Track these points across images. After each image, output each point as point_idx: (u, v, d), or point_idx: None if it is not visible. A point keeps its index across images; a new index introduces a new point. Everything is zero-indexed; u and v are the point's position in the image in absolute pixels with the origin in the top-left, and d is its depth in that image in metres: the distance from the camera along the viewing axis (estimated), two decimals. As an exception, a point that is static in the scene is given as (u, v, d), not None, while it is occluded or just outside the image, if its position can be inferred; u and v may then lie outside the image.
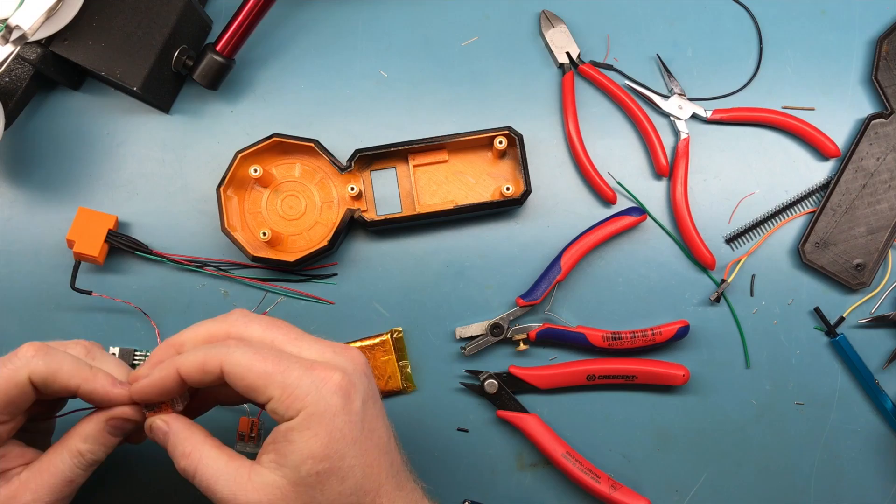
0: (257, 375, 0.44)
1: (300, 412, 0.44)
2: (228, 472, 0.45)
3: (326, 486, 0.44)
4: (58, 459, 0.47)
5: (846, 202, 0.65)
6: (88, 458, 0.47)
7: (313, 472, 0.44)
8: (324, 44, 0.66)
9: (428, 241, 0.65)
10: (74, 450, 0.47)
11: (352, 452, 0.45)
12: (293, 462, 0.44)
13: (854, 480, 0.65)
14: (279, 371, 0.44)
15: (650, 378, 0.63)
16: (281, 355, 0.45)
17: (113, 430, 0.48)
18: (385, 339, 0.64)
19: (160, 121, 0.66)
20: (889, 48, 0.66)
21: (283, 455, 0.44)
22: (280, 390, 0.44)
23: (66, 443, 0.47)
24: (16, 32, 0.55)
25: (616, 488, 0.62)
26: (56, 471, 0.47)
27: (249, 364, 0.44)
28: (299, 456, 0.43)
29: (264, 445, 0.45)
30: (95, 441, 0.47)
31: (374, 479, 0.46)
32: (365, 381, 0.47)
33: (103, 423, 0.48)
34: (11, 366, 0.45)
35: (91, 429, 0.48)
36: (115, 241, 0.62)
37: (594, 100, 0.67)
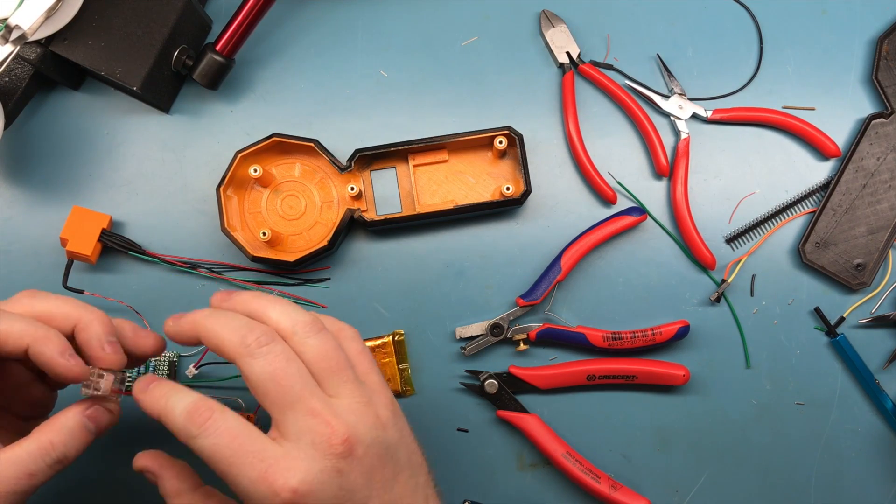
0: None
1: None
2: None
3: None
4: (23, 449, 0.45)
5: (846, 202, 0.65)
6: (59, 451, 0.45)
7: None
8: (324, 44, 0.66)
9: (428, 241, 0.65)
10: (45, 440, 0.45)
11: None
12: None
13: (854, 480, 0.65)
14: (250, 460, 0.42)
15: (650, 378, 0.63)
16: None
17: (90, 421, 0.46)
18: (386, 341, 0.64)
19: (160, 121, 0.66)
20: (889, 48, 0.66)
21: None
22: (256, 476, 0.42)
23: (37, 433, 0.45)
24: (16, 32, 0.55)
25: (616, 488, 0.62)
26: (18, 460, 0.44)
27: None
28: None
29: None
30: (69, 432, 0.46)
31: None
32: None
33: (80, 413, 0.46)
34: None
35: (66, 419, 0.46)
36: (108, 240, 0.62)
37: (594, 100, 0.67)
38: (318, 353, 0.45)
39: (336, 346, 0.46)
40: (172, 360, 0.63)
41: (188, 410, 0.43)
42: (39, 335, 0.45)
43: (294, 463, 0.42)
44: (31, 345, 0.45)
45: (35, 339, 0.45)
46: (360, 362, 0.48)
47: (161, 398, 0.45)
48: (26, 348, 0.45)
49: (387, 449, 0.45)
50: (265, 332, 0.44)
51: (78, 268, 0.64)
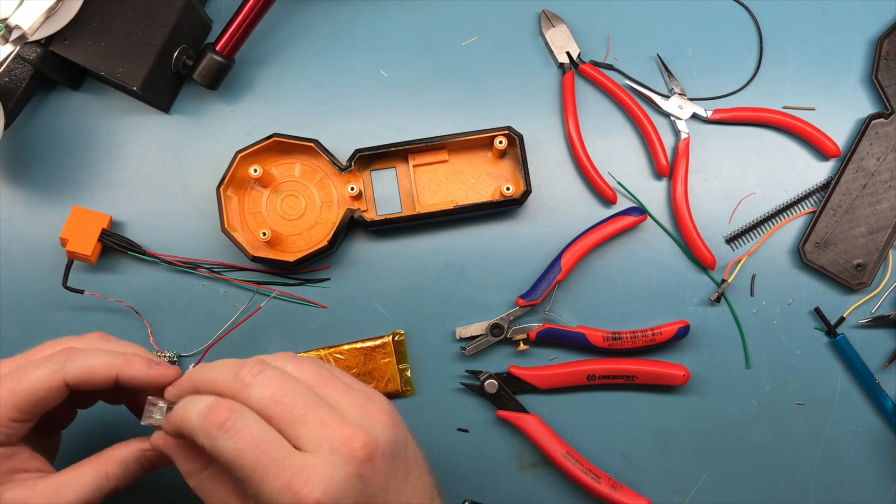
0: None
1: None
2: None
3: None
4: (83, 477, 0.46)
5: (846, 202, 0.65)
6: (112, 484, 0.46)
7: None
8: (324, 44, 0.66)
9: (428, 241, 0.65)
10: (102, 471, 0.46)
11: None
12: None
13: (854, 480, 0.65)
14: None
15: (650, 378, 0.63)
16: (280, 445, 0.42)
17: (147, 462, 0.47)
18: (386, 341, 0.64)
19: (160, 121, 0.66)
20: (889, 48, 0.66)
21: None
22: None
23: (95, 463, 0.47)
24: (16, 32, 0.55)
25: (616, 488, 0.62)
26: (77, 487, 0.45)
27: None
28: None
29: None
30: (126, 468, 0.47)
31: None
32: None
33: (139, 452, 0.47)
34: (46, 370, 0.46)
35: (125, 454, 0.47)
36: (108, 240, 0.62)
37: (594, 100, 0.67)
38: (300, 372, 0.45)
39: (315, 364, 0.46)
40: (172, 359, 0.63)
41: (205, 411, 0.42)
42: (122, 362, 0.47)
43: (317, 472, 0.41)
44: (120, 372, 0.47)
45: (121, 367, 0.47)
46: (341, 375, 0.47)
47: (178, 408, 0.44)
48: (115, 377, 0.47)
49: (398, 448, 0.45)
50: (255, 363, 0.44)
51: (78, 268, 0.64)
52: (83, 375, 0.46)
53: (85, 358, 0.46)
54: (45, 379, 0.46)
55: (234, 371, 0.44)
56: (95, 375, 0.46)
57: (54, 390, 0.46)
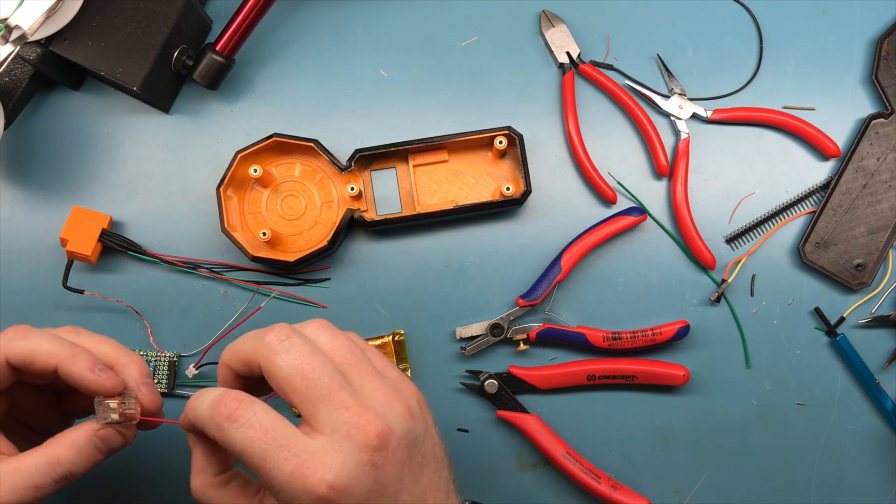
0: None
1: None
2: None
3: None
4: (32, 461, 0.45)
5: (846, 202, 0.65)
6: (65, 468, 0.45)
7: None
8: (324, 44, 0.66)
9: (428, 241, 0.65)
10: (53, 455, 0.45)
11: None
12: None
13: (854, 480, 0.65)
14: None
15: (650, 378, 0.63)
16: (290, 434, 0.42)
17: (101, 441, 0.46)
18: (386, 341, 0.64)
19: (160, 121, 0.66)
20: (889, 48, 0.66)
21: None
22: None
23: (47, 447, 0.45)
24: (16, 32, 0.55)
25: (616, 488, 0.62)
26: (26, 471, 0.44)
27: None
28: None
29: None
30: (79, 451, 0.45)
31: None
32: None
33: (92, 432, 0.46)
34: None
35: (77, 436, 0.46)
36: (108, 240, 0.62)
37: (594, 100, 0.67)
38: (333, 347, 0.44)
39: (349, 341, 0.45)
40: (172, 359, 0.63)
41: (214, 402, 0.42)
42: (66, 354, 0.46)
43: (329, 457, 0.41)
44: (60, 364, 0.45)
45: (63, 359, 0.45)
46: (374, 356, 0.47)
47: (189, 401, 0.44)
48: (55, 368, 0.45)
49: (415, 441, 0.44)
50: (283, 328, 0.43)
51: (78, 268, 0.64)
52: (24, 356, 0.45)
53: (30, 340, 0.46)
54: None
55: (261, 336, 0.43)
56: (36, 360, 0.45)
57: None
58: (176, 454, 0.62)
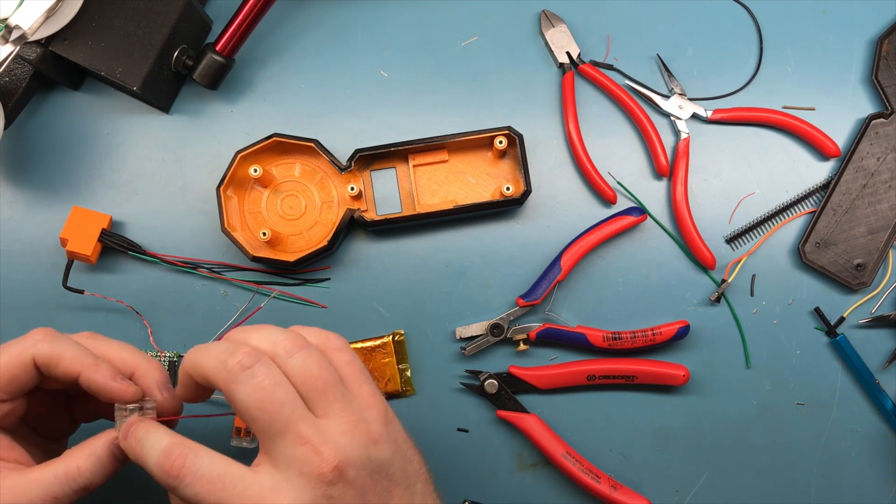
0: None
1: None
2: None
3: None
4: (51, 472, 0.45)
5: (846, 202, 0.65)
6: (84, 478, 0.45)
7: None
8: (324, 44, 0.66)
9: (428, 241, 0.65)
10: (73, 466, 0.45)
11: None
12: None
13: (854, 480, 0.65)
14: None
15: (650, 378, 0.63)
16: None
17: (121, 451, 0.46)
18: (386, 341, 0.64)
19: (160, 121, 0.66)
20: (889, 48, 0.66)
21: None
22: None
23: (66, 458, 0.46)
24: (16, 32, 0.55)
25: (616, 488, 0.62)
26: (45, 483, 0.44)
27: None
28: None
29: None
30: (97, 460, 0.45)
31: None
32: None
33: (110, 442, 0.46)
34: (19, 346, 0.46)
35: (96, 446, 0.46)
36: (108, 240, 0.62)
37: (594, 100, 0.67)
38: (302, 372, 0.43)
39: (322, 363, 0.44)
40: (172, 359, 0.63)
41: (159, 459, 0.42)
42: (90, 362, 0.46)
43: (282, 495, 0.41)
44: (83, 372, 0.46)
45: (86, 367, 0.46)
46: (349, 373, 0.46)
47: (137, 443, 0.44)
48: (77, 375, 0.46)
49: (379, 467, 0.44)
50: (247, 354, 0.42)
51: (78, 268, 0.64)
52: (50, 359, 0.46)
53: (59, 344, 0.47)
54: (16, 354, 0.46)
55: (223, 360, 0.42)
56: (61, 364, 0.46)
57: (24, 364, 0.46)
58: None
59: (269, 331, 0.45)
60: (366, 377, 0.47)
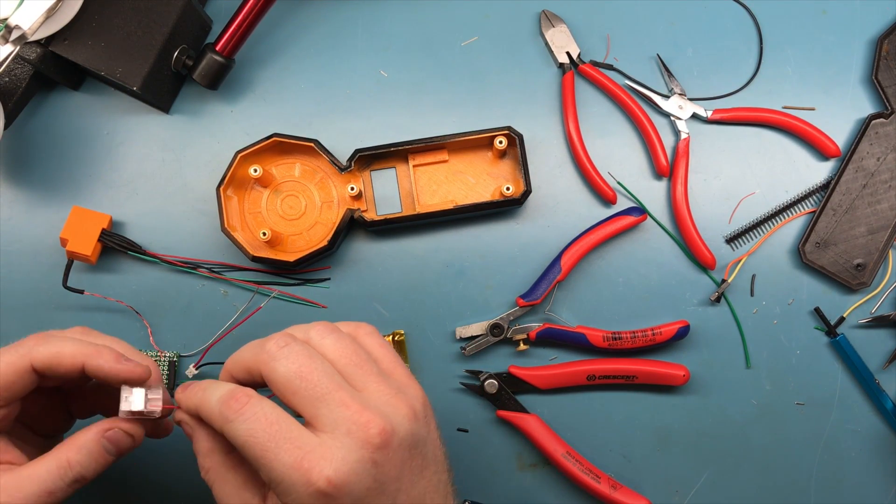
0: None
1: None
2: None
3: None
4: (43, 467, 0.45)
5: (846, 202, 0.65)
6: (76, 471, 0.45)
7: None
8: (324, 44, 0.66)
9: (428, 241, 0.65)
10: (64, 459, 0.45)
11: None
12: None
13: (854, 480, 0.65)
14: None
15: (650, 378, 0.63)
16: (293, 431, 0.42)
17: (109, 443, 0.46)
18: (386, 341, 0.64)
19: (160, 121, 0.66)
20: (889, 48, 0.66)
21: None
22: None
23: (57, 452, 0.46)
24: (16, 32, 0.55)
25: (616, 488, 0.62)
26: (38, 478, 0.45)
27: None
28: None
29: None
30: (88, 453, 0.46)
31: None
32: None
33: (100, 434, 0.46)
34: (15, 352, 0.46)
35: (86, 439, 0.46)
36: (108, 240, 0.62)
37: (594, 100, 0.67)
38: (336, 350, 0.45)
39: (353, 344, 0.45)
40: (172, 359, 0.63)
41: (224, 397, 0.43)
42: (91, 351, 0.46)
43: (330, 452, 0.41)
44: (86, 361, 0.46)
45: (88, 355, 0.46)
46: (382, 356, 0.47)
47: (199, 391, 0.45)
48: (82, 366, 0.46)
49: (417, 442, 0.45)
50: (283, 335, 0.44)
51: (78, 268, 0.64)
52: (50, 360, 0.46)
53: (53, 343, 0.46)
54: (12, 362, 0.46)
55: (261, 345, 0.44)
56: (62, 362, 0.46)
57: (22, 373, 0.46)
58: (178, 455, 0.62)
59: (299, 325, 0.46)
60: (400, 361, 0.48)
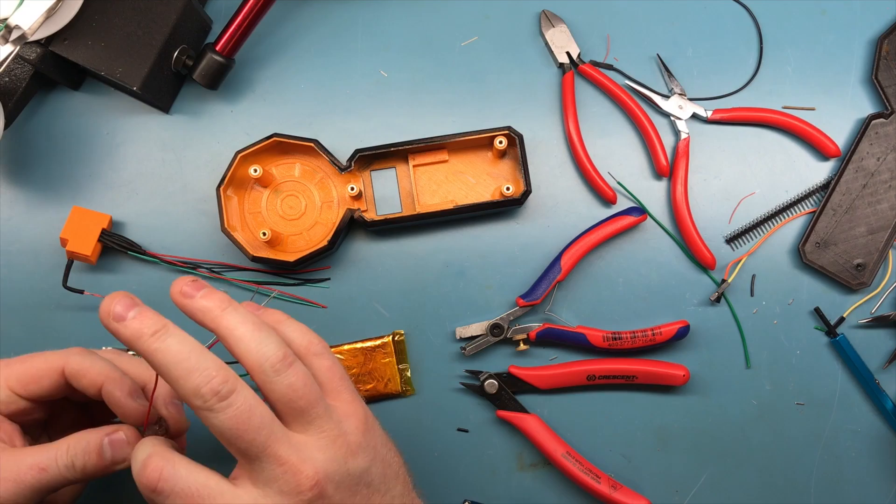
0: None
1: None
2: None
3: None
4: (41, 447, 0.46)
5: (846, 202, 0.65)
6: (70, 457, 0.46)
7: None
8: (324, 44, 0.66)
9: (428, 241, 0.65)
10: (63, 445, 0.46)
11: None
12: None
13: (854, 480, 0.65)
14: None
15: (650, 378, 0.63)
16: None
17: (109, 445, 0.47)
18: (386, 341, 0.64)
19: (160, 121, 0.66)
20: (889, 48, 0.66)
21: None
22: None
23: (57, 444, 0.47)
24: (16, 32, 0.55)
25: (616, 488, 0.62)
26: (33, 452, 0.46)
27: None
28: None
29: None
30: (86, 445, 0.46)
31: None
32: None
33: (104, 434, 0.47)
34: (54, 353, 0.50)
35: (89, 434, 0.47)
36: (108, 240, 0.62)
37: (594, 100, 0.67)
38: (286, 392, 0.43)
39: (306, 379, 0.43)
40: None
41: (140, 469, 0.42)
42: (115, 376, 0.50)
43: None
44: (105, 384, 0.49)
45: (109, 379, 0.49)
46: (328, 380, 0.46)
47: (126, 456, 0.47)
48: (101, 387, 0.49)
49: (358, 477, 0.44)
50: (223, 381, 0.41)
51: (78, 268, 0.64)
52: (78, 371, 0.49)
53: (88, 358, 0.50)
54: (50, 359, 0.50)
55: (197, 384, 0.41)
56: (86, 376, 0.49)
57: (52, 372, 0.49)
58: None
59: (258, 340, 0.43)
60: (346, 383, 0.47)
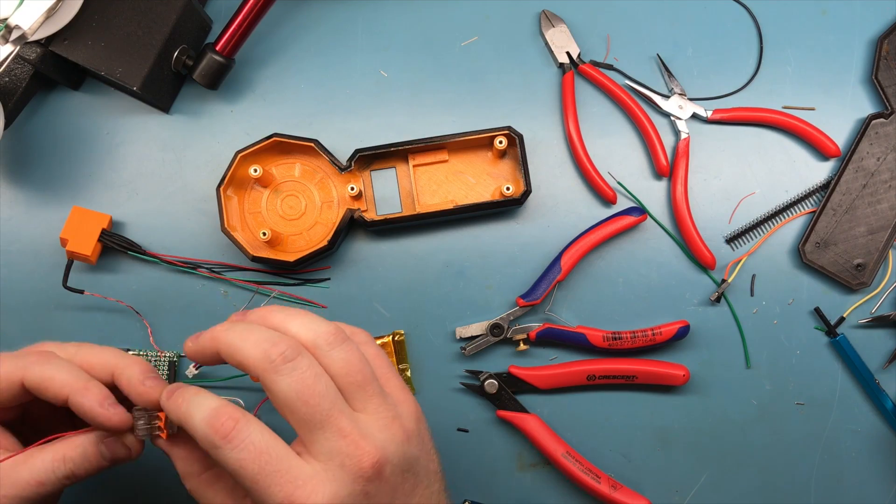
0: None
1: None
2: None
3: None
4: (38, 458, 0.45)
5: (846, 202, 0.65)
6: (69, 467, 0.45)
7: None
8: (324, 43, 0.66)
9: (428, 241, 0.65)
10: (60, 454, 0.45)
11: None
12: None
13: (854, 480, 0.65)
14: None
15: (650, 378, 0.63)
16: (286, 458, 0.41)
17: (106, 448, 0.46)
18: (386, 340, 0.64)
19: (160, 121, 0.66)
20: (889, 48, 0.66)
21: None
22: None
23: (55, 446, 0.46)
24: (16, 32, 0.55)
25: (616, 488, 0.62)
26: (32, 467, 0.45)
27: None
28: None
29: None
30: (84, 453, 0.46)
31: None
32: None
33: (100, 438, 0.46)
34: (12, 364, 0.46)
35: (85, 439, 0.46)
36: (108, 240, 0.62)
37: (594, 100, 0.67)
38: (343, 366, 0.43)
39: (361, 358, 0.44)
40: (172, 360, 0.63)
41: (209, 418, 0.41)
42: (79, 386, 0.45)
43: (322, 486, 0.41)
44: (70, 395, 0.45)
45: (74, 391, 0.45)
46: (378, 367, 0.46)
47: (182, 403, 0.43)
48: (66, 399, 0.45)
49: (410, 464, 0.44)
50: (290, 346, 0.42)
51: (78, 268, 0.64)
52: (39, 383, 0.45)
53: (49, 367, 0.46)
54: (7, 372, 0.46)
55: (265, 349, 0.42)
56: (49, 388, 0.45)
57: (12, 384, 0.46)
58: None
59: (311, 320, 0.44)
60: (394, 372, 0.47)
